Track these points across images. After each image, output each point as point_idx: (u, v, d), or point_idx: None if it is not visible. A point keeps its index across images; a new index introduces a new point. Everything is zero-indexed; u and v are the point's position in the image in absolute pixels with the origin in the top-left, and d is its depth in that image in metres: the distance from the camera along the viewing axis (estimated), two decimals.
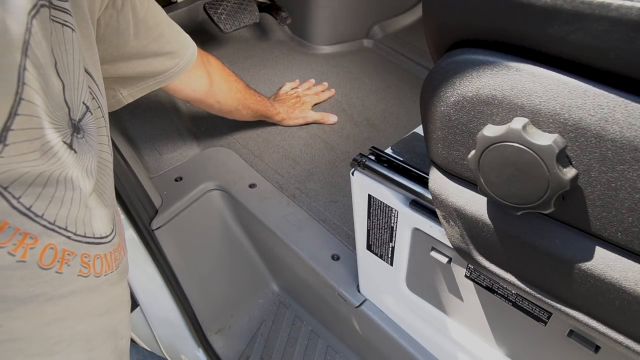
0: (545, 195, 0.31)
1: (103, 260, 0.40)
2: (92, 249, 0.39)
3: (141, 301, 0.87)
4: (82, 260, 0.38)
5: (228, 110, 0.91)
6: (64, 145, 0.35)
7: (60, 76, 0.35)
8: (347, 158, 0.98)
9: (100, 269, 0.40)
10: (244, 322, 1.00)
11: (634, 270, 0.31)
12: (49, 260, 0.34)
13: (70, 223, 0.36)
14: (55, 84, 0.34)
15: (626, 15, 0.25)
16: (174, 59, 0.71)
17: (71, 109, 0.37)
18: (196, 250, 0.94)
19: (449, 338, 0.63)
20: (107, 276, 0.41)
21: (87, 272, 0.38)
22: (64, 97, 0.36)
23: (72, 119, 0.37)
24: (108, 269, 0.41)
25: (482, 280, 0.50)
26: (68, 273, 0.36)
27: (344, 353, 0.92)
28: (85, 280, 0.38)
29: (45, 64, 0.33)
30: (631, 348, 0.34)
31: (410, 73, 1.23)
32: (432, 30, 0.37)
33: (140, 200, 0.81)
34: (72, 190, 0.36)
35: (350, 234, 0.84)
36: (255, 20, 1.21)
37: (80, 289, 0.38)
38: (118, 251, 0.44)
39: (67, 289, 0.36)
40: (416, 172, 0.51)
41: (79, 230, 0.37)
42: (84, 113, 0.38)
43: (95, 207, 0.41)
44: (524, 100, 0.31)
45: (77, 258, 0.37)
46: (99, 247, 0.40)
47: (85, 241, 0.38)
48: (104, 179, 0.44)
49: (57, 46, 0.35)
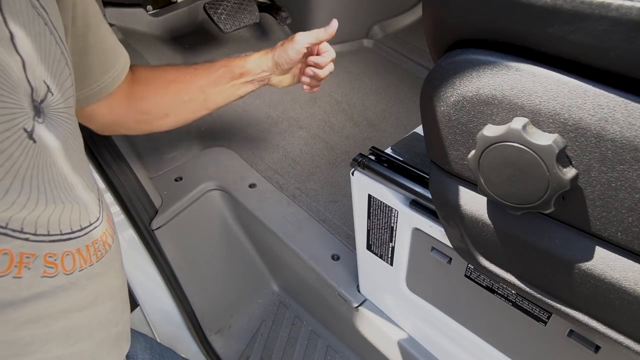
0: (545, 195, 0.31)
1: (75, 256, 0.38)
2: (59, 247, 0.37)
3: (141, 301, 0.87)
4: (46, 261, 0.36)
5: (178, 110, 0.68)
6: (24, 133, 0.32)
7: (19, 51, 0.32)
8: (347, 158, 0.98)
9: (71, 266, 0.38)
10: (244, 322, 1.00)
11: (634, 270, 0.31)
12: (4, 267, 0.32)
13: (28, 224, 0.34)
14: (10, 61, 0.31)
15: (626, 15, 0.25)
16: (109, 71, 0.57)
17: (34, 89, 0.33)
18: (196, 250, 0.94)
19: (449, 338, 0.63)
20: (84, 271, 0.39)
21: (53, 273, 0.36)
22: (26, 75, 0.32)
23: (35, 100, 0.33)
24: (84, 263, 0.39)
25: (482, 280, 0.50)
26: (29, 276, 0.34)
27: (344, 353, 0.92)
28: (52, 280, 0.36)
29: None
30: (631, 348, 0.34)
31: (410, 73, 1.23)
32: (432, 30, 0.37)
33: (140, 200, 0.81)
34: (30, 190, 0.34)
35: (350, 234, 0.84)
36: (255, 20, 1.21)
37: (47, 290, 0.36)
38: (101, 241, 0.42)
39: (30, 292, 0.34)
40: (416, 172, 0.51)
41: (39, 230, 0.35)
42: (45, 93, 0.35)
43: (79, 195, 0.39)
44: (524, 100, 0.31)
45: (40, 259, 0.35)
46: (69, 243, 0.38)
47: (49, 240, 0.36)
48: (84, 161, 0.41)
49: (14, 17, 0.31)
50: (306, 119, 1.08)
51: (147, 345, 0.60)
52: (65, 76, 0.39)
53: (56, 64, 0.37)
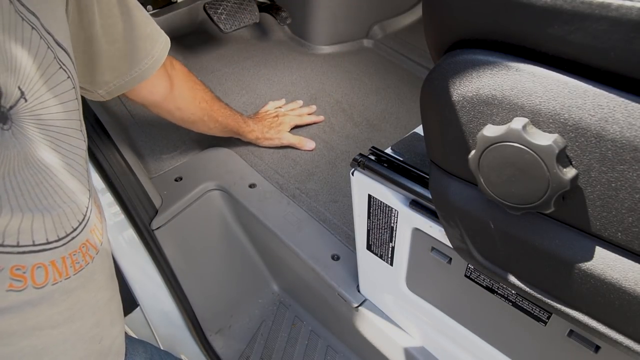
0: (545, 195, 0.31)
1: (48, 269, 0.36)
2: (29, 259, 0.35)
3: (141, 301, 0.87)
4: (13, 273, 0.33)
5: (191, 119, 0.83)
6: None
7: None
8: (347, 158, 0.98)
9: (43, 279, 0.35)
10: (244, 322, 1.00)
11: (634, 270, 0.31)
12: None
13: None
14: None
15: (626, 15, 0.25)
16: (145, 58, 0.65)
17: (4, 95, 0.32)
18: (196, 250, 0.94)
19: (449, 338, 0.63)
20: (58, 284, 0.37)
21: (21, 286, 0.34)
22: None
23: (2, 106, 0.32)
24: (59, 276, 0.37)
25: (482, 280, 0.50)
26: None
27: (344, 353, 0.92)
28: (18, 294, 0.34)
29: None
30: (631, 348, 0.34)
31: (410, 73, 1.23)
32: (432, 30, 0.37)
33: (140, 200, 0.81)
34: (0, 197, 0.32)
35: (350, 234, 0.84)
36: (255, 20, 1.21)
37: (12, 305, 0.34)
38: (80, 253, 0.39)
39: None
40: (416, 172, 0.51)
41: (7, 240, 0.33)
42: (17, 100, 0.33)
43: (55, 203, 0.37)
44: (524, 100, 0.31)
45: (5, 272, 0.33)
46: (42, 255, 0.36)
47: (18, 251, 0.34)
48: (76, 165, 0.40)
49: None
50: None
51: (146, 355, 0.59)
52: (59, 81, 0.37)
53: (48, 70, 0.36)
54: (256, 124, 0.96)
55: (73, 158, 0.40)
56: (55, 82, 0.37)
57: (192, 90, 0.80)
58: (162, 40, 0.68)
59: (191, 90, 0.80)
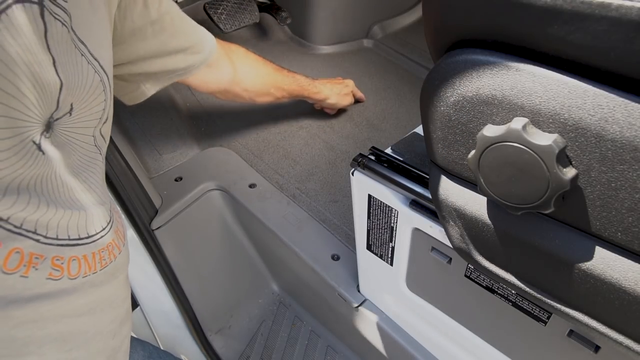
0: (545, 195, 0.31)
1: (81, 262, 0.40)
2: (67, 251, 0.38)
3: (141, 301, 0.87)
4: (53, 264, 0.37)
5: (259, 95, 0.88)
6: (33, 145, 0.34)
7: (59, 74, 0.35)
8: (347, 158, 0.98)
9: (77, 271, 0.39)
10: (244, 322, 1.00)
11: (634, 270, 0.31)
12: (14, 265, 0.34)
13: (40, 226, 0.35)
14: (50, 82, 0.34)
15: (626, 15, 0.25)
16: (194, 54, 0.70)
17: (59, 109, 0.36)
18: (196, 250, 0.94)
19: (449, 338, 0.63)
20: (88, 278, 0.40)
21: (58, 275, 0.37)
22: (59, 96, 0.35)
23: (52, 117, 0.36)
24: (88, 270, 0.40)
25: (482, 280, 0.50)
26: (35, 277, 0.35)
27: (344, 353, 0.92)
28: (56, 283, 0.37)
29: (34, 62, 0.32)
30: (631, 348, 0.34)
31: (410, 73, 1.23)
32: (432, 31, 0.37)
33: (140, 200, 0.81)
34: (37, 195, 0.35)
35: (350, 234, 0.84)
36: (255, 20, 1.21)
37: (50, 292, 0.37)
38: (107, 250, 0.43)
39: (33, 292, 0.36)
40: (416, 172, 0.51)
41: (49, 232, 0.36)
42: (65, 113, 0.37)
43: (84, 205, 0.40)
44: (524, 100, 0.31)
45: (47, 261, 0.36)
46: (77, 249, 0.39)
47: (57, 244, 0.37)
48: (93, 176, 0.43)
49: (56, 45, 0.35)
50: (306, 119, 1.08)
51: (146, 354, 0.60)
52: (98, 101, 0.41)
53: (91, 90, 0.40)
54: (324, 85, 1.00)
55: (92, 170, 0.43)
56: (95, 104, 0.41)
57: (254, 68, 0.85)
58: (209, 36, 0.74)
59: (253, 68, 0.85)
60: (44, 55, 0.33)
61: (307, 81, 0.96)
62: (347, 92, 1.04)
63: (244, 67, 0.83)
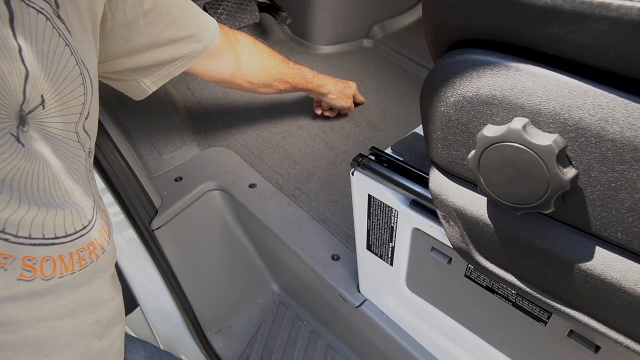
0: (545, 195, 0.31)
1: (57, 262, 0.38)
2: (39, 251, 0.36)
3: (141, 301, 0.87)
4: (24, 264, 0.35)
5: (261, 87, 0.87)
6: (11, 137, 0.33)
7: (25, 63, 0.33)
8: (347, 158, 0.98)
9: (51, 272, 0.37)
10: (244, 322, 1.00)
11: (634, 270, 0.31)
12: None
13: (10, 225, 0.34)
14: (12, 71, 0.32)
15: (626, 15, 0.25)
16: (192, 43, 0.68)
17: (26, 100, 0.34)
18: (196, 250, 0.94)
19: (449, 338, 0.63)
20: (64, 278, 0.39)
21: (30, 276, 0.36)
22: (24, 86, 0.34)
23: (23, 110, 0.34)
24: (65, 270, 0.39)
25: (482, 280, 0.50)
26: (4, 278, 0.34)
27: (344, 353, 0.92)
28: (28, 284, 0.36)
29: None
30: (631, 348, 0.34)
31: (410, 73, 1.23)
32: (432, 31, 0.37)
33: (140, 200, 0.81)
34: (11, 191, 0.34)
35: (350, 234, 0.84)
36: (255, 20, 1.21)
37: (22, 293, 0.35)
38: (87, 250, 0.41)
39: (2, 294, 0.34)
40: (416, 172, 0.51)
41: (21, 232, 0.35)
42: (36, 105, 0.36)
43: (66, 203, 0.39)
44: (524, 100, 0.31)
45: (17, 261, 0.35)
46: (51, 248, 0.37)
47: (29, 243, 0.35)
48: (76, 172, 0.41)
49: (26, 32, 0.33)
50: (306, 119, 1.08)
51: (146, 354, 0.59)
52: (75, 95, 0.40)
53: (67, 83, 0.38)
54: (328, 79, 1.00)
55: (75, 166, 0.42)
56: (71, 97, 0.40)
57: (259, 60, 0.83)
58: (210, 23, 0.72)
59: (259, 60, 0.83)
60: (4, 42, 0.32)
61: (312, 74, 0.96)
62: (348, 93, 1.03)
63: (249, 58, 0.81)
